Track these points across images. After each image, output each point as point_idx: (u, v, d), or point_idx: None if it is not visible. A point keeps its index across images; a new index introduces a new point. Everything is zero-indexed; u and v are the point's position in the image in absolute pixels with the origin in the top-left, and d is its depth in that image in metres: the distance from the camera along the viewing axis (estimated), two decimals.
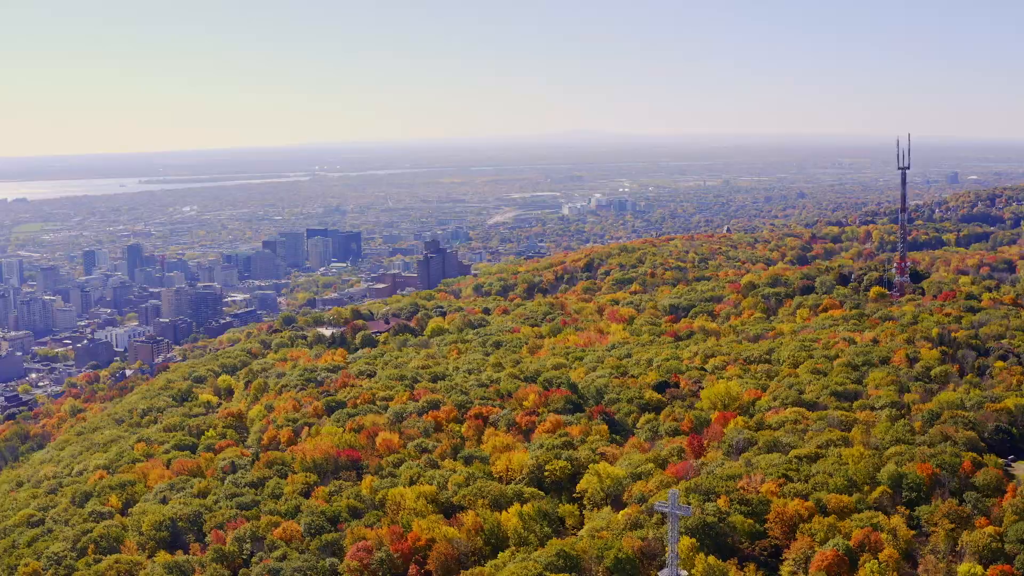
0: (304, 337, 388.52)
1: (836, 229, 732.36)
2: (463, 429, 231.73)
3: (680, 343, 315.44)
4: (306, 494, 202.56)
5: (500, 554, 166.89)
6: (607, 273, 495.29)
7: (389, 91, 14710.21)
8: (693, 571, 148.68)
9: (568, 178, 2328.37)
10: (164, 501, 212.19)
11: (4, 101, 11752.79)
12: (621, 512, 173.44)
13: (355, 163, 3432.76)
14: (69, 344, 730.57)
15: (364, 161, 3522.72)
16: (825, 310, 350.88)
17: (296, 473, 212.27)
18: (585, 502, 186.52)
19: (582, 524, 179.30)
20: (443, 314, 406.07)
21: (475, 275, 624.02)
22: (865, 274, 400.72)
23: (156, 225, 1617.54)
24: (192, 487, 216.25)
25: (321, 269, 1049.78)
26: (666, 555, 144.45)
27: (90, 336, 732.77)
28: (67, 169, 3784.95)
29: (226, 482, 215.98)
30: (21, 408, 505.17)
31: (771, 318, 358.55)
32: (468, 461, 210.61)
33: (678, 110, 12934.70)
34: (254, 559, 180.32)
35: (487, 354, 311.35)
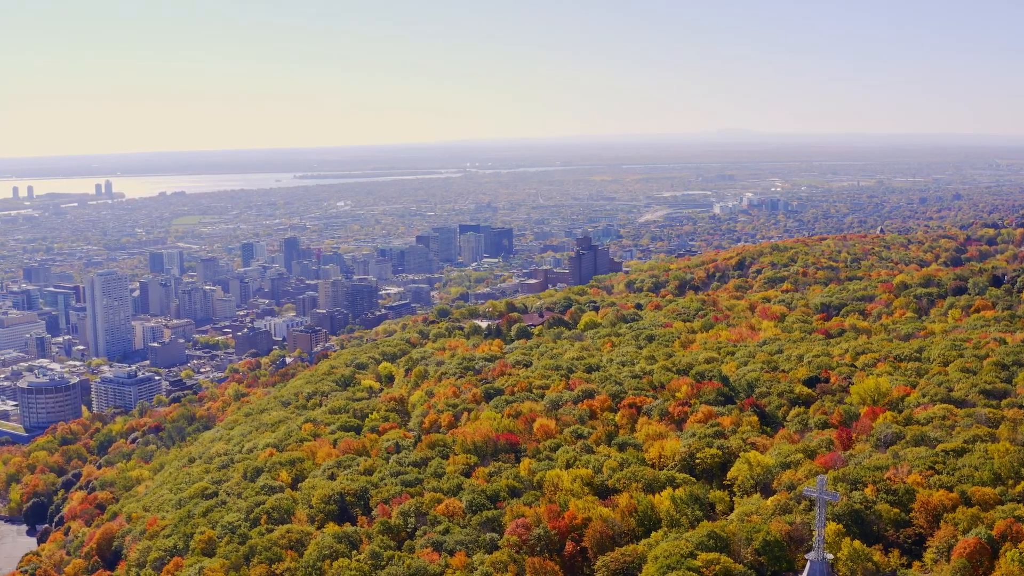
0: (461, 328, 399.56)
1: (992, 231, 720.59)
2: (617, 417, 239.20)
3: (831, 340, 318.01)
4: (467, 474, 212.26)
5: (653, 534, 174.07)
6: (759, 271, 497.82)
7: (540, 89, 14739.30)
8: (839, 554, 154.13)
9: (719, 177, 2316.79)
10: (332, 477, 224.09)
11: (167, 97, 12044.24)
12: (770, 498, 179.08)
13: (506, 160, 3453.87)
14: (229, 332, 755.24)
15: (515, 159, 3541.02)
16: (977, 311, 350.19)
17: (457, 454, 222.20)
18: (735, 489, 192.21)
19: (732, 510, 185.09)
20: (596, 309, 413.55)
21: (626, 272, 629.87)
22: (1019, 276, 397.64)
23: (311, 219, 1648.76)
24: (358, 465, 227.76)
25: (473, 264, 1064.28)
26: (813, 540, 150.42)
27: (249, 325, 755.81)
28: (224, 164, 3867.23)
29: (390, 461, 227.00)
30: (186, 392, 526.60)
31: (922, 318, 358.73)
32: (622, 447, 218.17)
33: (832, 109, 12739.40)
34: (418, 532, 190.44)
35: (640, 347, 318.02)
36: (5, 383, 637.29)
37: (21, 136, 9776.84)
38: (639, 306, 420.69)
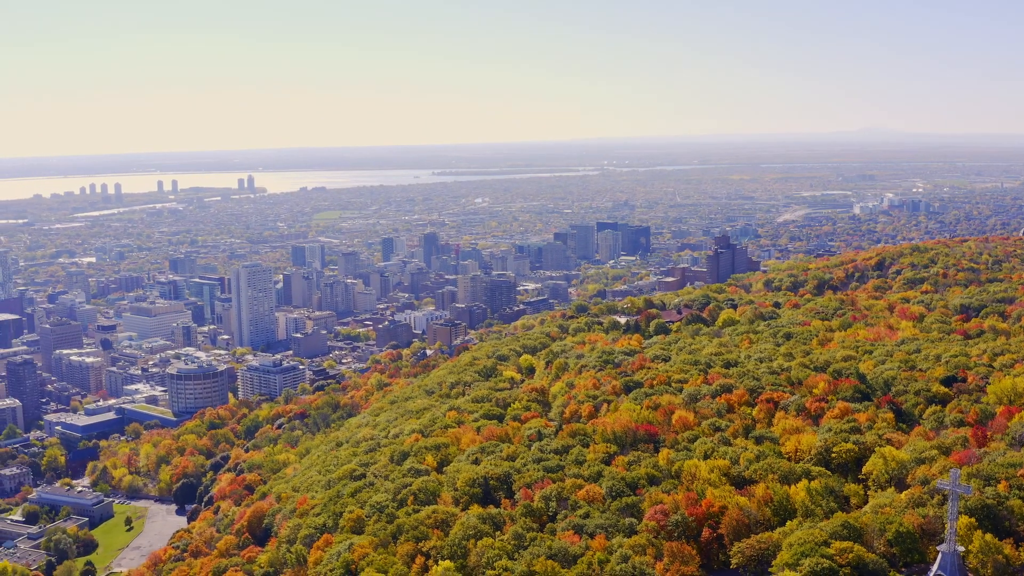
0: (600, 323, 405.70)
1: None
2: (754, 412, 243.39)
3: (969, 341, 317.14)
4: (607, 462, 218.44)
5: (788, 523, 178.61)
6: (898, 272, 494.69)
7: (679, 88, 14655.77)
8: (970, 547, 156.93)
9: (860, 177, 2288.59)
10: (476, 462, 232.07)
11: (307, 93, 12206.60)
12: (904, 492, 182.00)
13: (644, 159, 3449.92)
14: (369, 325, 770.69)
15: (652, 157, 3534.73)
16: None
17: (597, 443, 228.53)
18: (870, 483, 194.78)
19: (866, 503, 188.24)
20: (734, 306, 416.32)
21: (764, 271, 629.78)
22: None
23: (450, 215, 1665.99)
24: (501, 451, 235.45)
25: (610, 262, 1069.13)
26: (945, 532, 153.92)
27: (390, 318, 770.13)
28: (363, 160, 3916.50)
29: (532, 448, 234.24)
30: (329, 381, 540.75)
31: None
32: (759, 440, 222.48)
33: (975, 109, 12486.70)
34: (559, 516, 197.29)
35: (778, 344, 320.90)
36: (154, 370, 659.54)
37: (166, 131, 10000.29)
38: (777, 304, 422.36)
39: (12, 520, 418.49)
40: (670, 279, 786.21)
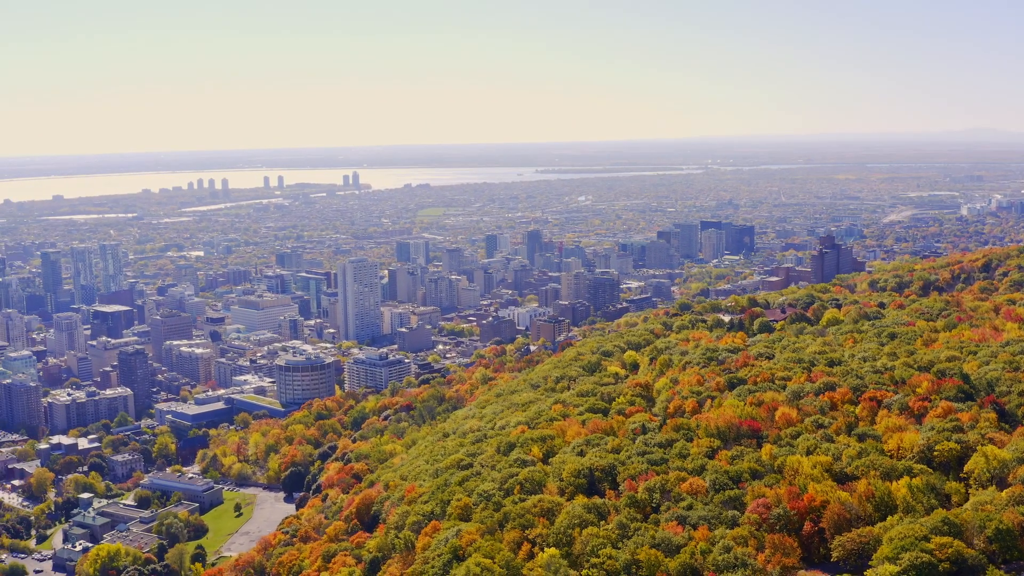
0: (704, 321, 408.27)
1: None
2: (857, 410, 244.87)
3: None
4: (710, 456, 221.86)
5: (888, 518, 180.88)
6: (1005, 274, 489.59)
7: (782, 86, 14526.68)
8: None
9: (967, 178, 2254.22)
10: (581, 454, 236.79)
11: (411, 90, 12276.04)
12: (1005, 491, 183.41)
13: (748, 157, 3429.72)
14: (473, 320, 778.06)
15: (756, 156, 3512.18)
16: None
17: (701, 438, 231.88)
18: (971, 481, 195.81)
19: (967, 500, 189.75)
20: (838, 306, 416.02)
21: (869, 272, 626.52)
22: None
23: (553, 213, 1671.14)
24: (606, 444, 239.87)
25: (714, 261, 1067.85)
26: None
27: (494, 314, 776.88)
28: (467, 157, 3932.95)
29: (636, 441, 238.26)
30: (434, 375, 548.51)
31: None
32: (861, 438, 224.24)
33: None
34: (663, 507, 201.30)
35: (882, 344, 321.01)
36: (262, 361, 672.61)
37: (272, 128, 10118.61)
38: (882, 305, 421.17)
39: (125, 504, 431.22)
40: (774, 279, 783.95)
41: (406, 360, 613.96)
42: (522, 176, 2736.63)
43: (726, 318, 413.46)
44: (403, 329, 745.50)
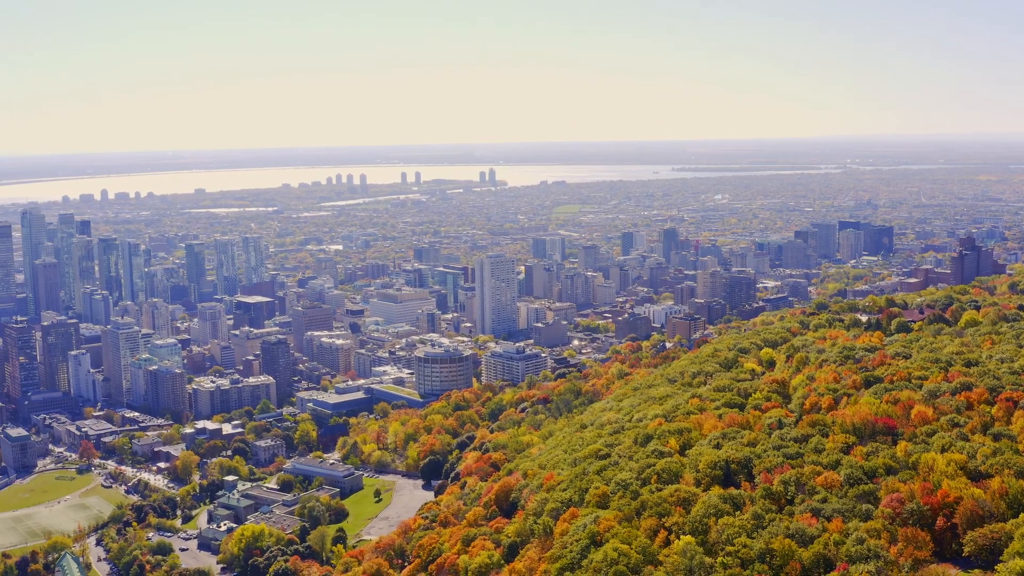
0: (841, 320, 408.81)
1: None
2: (993, 410, 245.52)
3: None
4: (845, 451, 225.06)
5: (1021, 515, 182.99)
6: None
7: (921, 84, 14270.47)
8: None
9: None
10: (717, 446, 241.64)
11: (546, 88, 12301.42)
12: None
13: (887, 157, 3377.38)
14: (609, 317, 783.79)
15: (896, 155, 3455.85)
16: None
17: (836, 434, 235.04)
18: None
19: None
20: (977, 308, 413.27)
21: (1010, 274, 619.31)
22: None
23: (688, 211, 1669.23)
24: (742, 437, 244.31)
25: (852, 261, 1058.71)
26: None
27: (629, 311, 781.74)
28: (603, 155, 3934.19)
29: (772, 436, 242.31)
30: (570, 369, 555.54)
31: None
32: (996, 437, 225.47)
33: None
34: (797, 499, 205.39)
35: (1020, 346, 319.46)
36: (400, 353, 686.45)
37: (410, 124, 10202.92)
38: (1021, 307, 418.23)
39: (268, 488, 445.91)
40: (912, 280, 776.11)
41: (542, 355, 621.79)
42: (658, 174, 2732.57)
43: (863, 318, 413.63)
44: (539, 324, 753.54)
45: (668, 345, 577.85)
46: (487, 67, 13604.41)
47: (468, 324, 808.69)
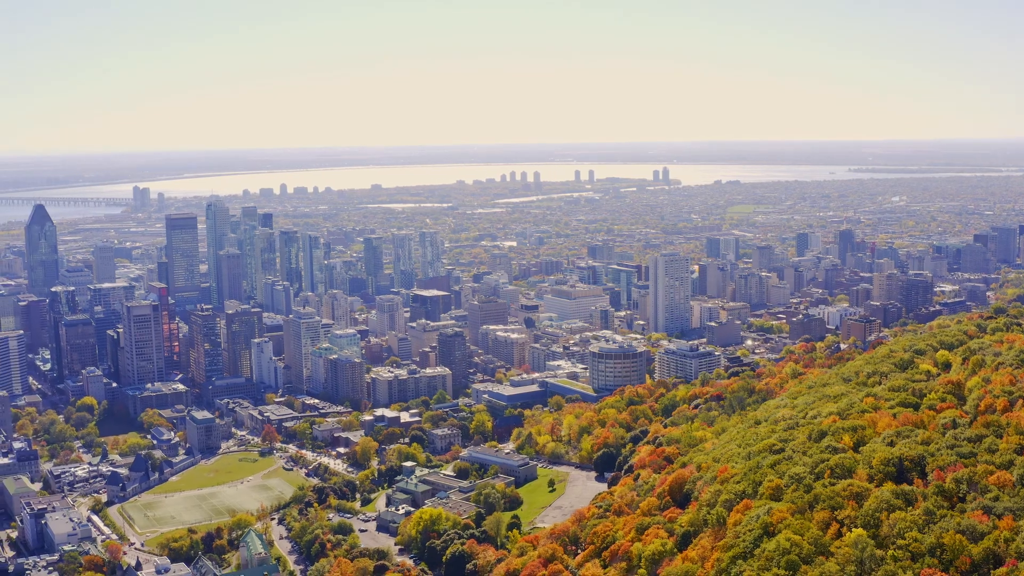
0: (1019, 324, 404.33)
1: None
2: None
3: None
4: (1019, 452, 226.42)
5: None
6: None
7: None
8: None
9: None
10: (891, 444, 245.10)
11: (724, 89, 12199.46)
12: None
13: None
14: (783, 318, 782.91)
15: None
16: None
17: (1010, 435, 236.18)
18: None
19: None
20: None
21: None
22: None
23: (865, 213, 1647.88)
24: (916, 436, 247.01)
25: None
26: None
27: (803, 312, 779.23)
28: (777, 154, 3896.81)
29: (946, 435, 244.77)
30: (743, 368, 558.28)
31: None
32: None
33: None
34: (969, 497, 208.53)
35: None
36: (574, 348, 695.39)
37: (583, 123, 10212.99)
38: None
39: (444, 474, 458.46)
40: None
41: (715, 353, 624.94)
42: (834, 175, 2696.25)
43: None
44: (712, 323, 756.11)
45: (842, 346, 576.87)
46: (660, 64, 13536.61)
47: (641, 322, 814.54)
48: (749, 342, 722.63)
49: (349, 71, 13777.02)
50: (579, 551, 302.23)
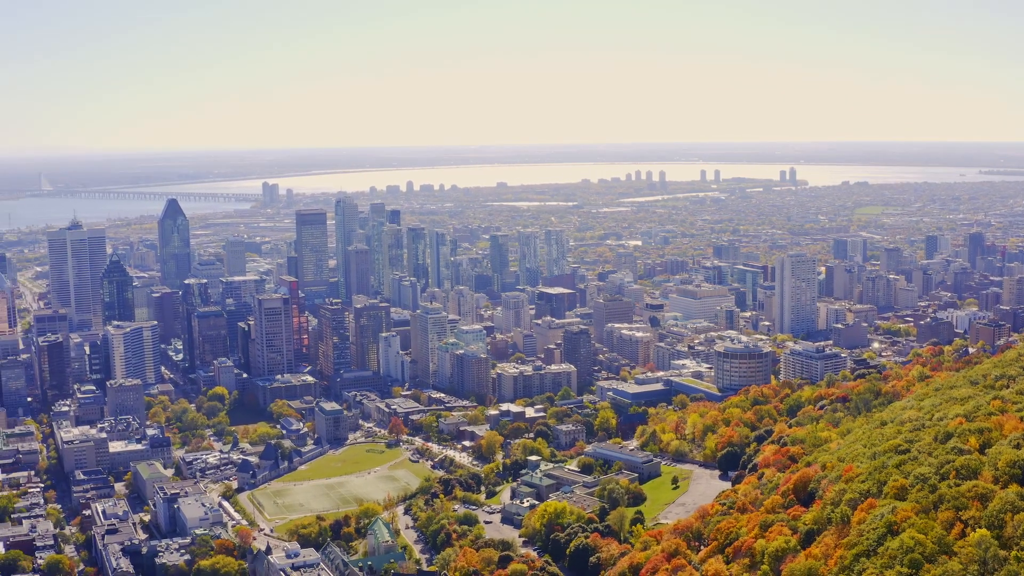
0: None
1: None
2: None
3: None
4: None
5: None
6: None
7: None
8: None
9: None
10: (1017, 447, 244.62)
11: (849, 88, 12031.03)
12: None
13: None
14: (910, 321, 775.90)
15: None
16: None
17: None
18: None
19: None
20: None
21: None
22: None
23: (996, 216, 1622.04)
24: None
25: None
26: None
27: (932, 315, 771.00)
28: (906, 156, 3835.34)
29: None
30: (869, 370, 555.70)
31: None
32: None
33: None
34: None
35: None
36: (699, 348, 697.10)
37: (709, 122, 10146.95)
38: None
39: (568, 469, 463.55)
40: None
41: (841, 355, 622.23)
42: (964, 176, 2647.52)
43: None
44: (838, 325, 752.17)
45: (971, 350, 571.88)
46: (792, 67, 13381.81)
47: (767, 322, 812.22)
48: (876, 344, 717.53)
49: (476, 67, 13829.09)
50: (702, 547, 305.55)
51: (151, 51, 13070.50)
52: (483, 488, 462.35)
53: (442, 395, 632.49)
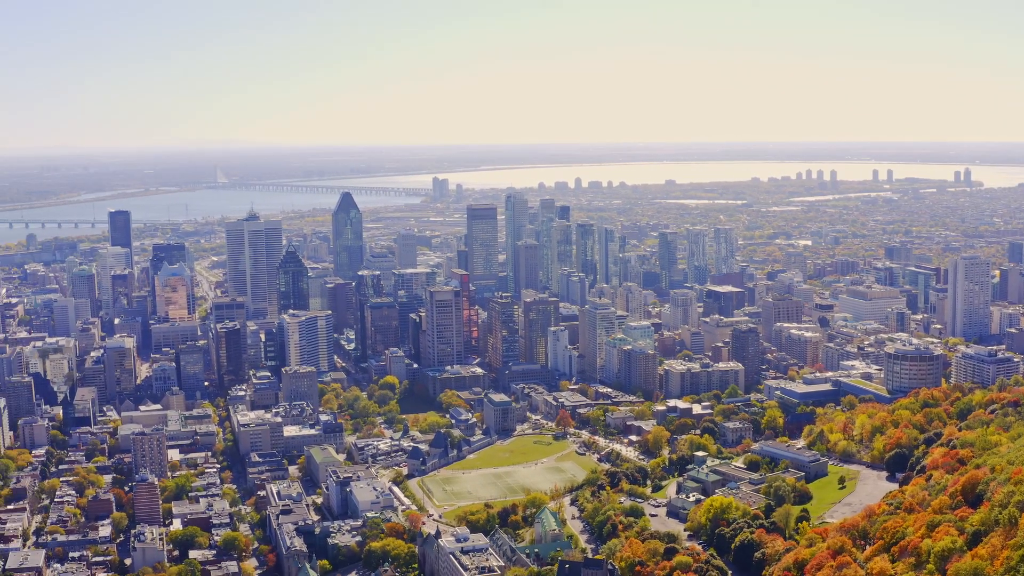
0: None
1: None
2: None
3: None
4: None
5: None
6: None
7: None
8: None
9: None
10: None
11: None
12: None
13: None
14: None
15: None
16: None
17: None
18: None
19: None
20: None
21: None
22: None
23: None
24: None
25: None
26: None
27: None
28: None
29: None
30: None
31: None
32: None
33: None
34: None
35: None
36: (869, 349, 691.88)
37: (887, 121, 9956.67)
38: None
39: (735, 466, 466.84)
40: None
41: (1014, 359, 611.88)
42: None
43: None
44: (1012, 330, 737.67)
45: None
46: (947, 64, 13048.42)
47: (938, 325, 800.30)
48: None
49: (647, 58, 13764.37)
50: (867, 546, 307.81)
51: (310, 42, 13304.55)
52: (649, 482, 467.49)
53: (609, 390, 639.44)
